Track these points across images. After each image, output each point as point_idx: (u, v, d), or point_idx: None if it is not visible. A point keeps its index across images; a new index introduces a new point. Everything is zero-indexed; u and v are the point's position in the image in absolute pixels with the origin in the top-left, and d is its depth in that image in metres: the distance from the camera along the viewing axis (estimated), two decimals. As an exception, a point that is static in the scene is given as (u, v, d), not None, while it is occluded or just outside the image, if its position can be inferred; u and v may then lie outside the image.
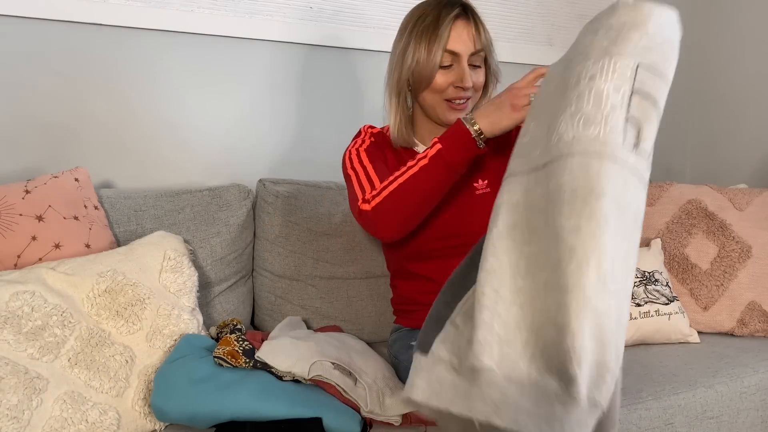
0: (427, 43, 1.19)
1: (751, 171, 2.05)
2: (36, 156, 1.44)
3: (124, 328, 1.07)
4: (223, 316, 1.43)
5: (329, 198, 1.54)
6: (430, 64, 1.19)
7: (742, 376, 1.31)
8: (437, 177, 1.09)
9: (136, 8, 1.49)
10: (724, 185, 1.95)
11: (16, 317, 0.98)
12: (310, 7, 1.70)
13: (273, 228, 1.50)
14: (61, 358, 0.99)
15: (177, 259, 1.19)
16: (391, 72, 1.27)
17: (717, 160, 2.16)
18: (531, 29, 2.05)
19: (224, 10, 1.60)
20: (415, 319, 1.33)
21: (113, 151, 1.52)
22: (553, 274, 0.64)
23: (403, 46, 1.23)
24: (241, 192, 1.51)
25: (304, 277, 1.50)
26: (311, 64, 1.72)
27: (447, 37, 1.18)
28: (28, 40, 1.41)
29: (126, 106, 1.53)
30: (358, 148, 1.27)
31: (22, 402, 0.92)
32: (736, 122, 2.09)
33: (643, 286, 1.49)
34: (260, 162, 1.69)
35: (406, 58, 1.22)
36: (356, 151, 1.25)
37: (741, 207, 1.68)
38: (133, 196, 1.40)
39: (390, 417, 1.07)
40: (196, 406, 0.99)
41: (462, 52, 1.19)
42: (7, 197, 1.16)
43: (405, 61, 1.22)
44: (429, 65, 1.19)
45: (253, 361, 1.08)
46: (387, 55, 1.81)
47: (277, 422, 0.97)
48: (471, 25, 1.20)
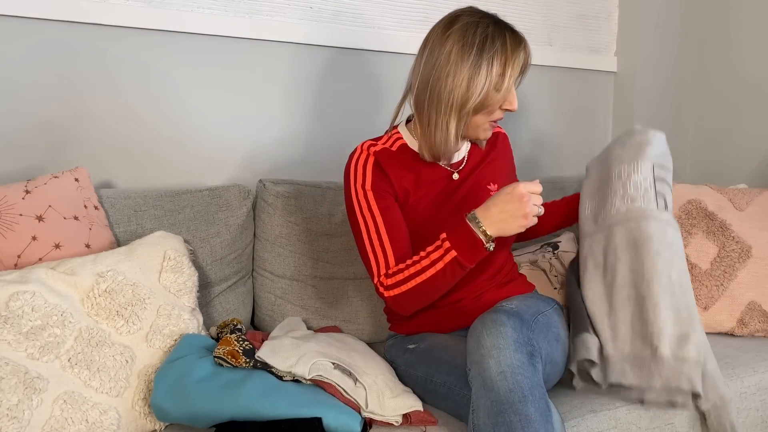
0: (495, 70, 1.13)
1: (751, 171, 2.06)
2: (36, 156, 1.44)
3: (124, 328, 1.07)
4: (223, 316, 1.43)
5: (329, 198, 1.54)
6: (491, 90, 1.15)
7: (742, 376, 1.31)
8: (453, 277, 1.14)
9: (136, 8, 1.49)
10: (724, 185, 1.95)
11: (16, 317, 0.98)
12: (310, 7, 1.70)
13: (273, 228, 1.50)
14: (61, 357, 0.99)
15: (177, 259, 1.19)
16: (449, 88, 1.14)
17: (717, 160, 2.16)
18: (531, 29, 2.05)
19: (224, 10, 1.60)
20: (408, 327, 1.33)
21: (113, 151, 1.52)
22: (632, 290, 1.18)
23: (472, 65, 1.13)
24: (241, 192, 1.51)
25: (304, 277, 1.50)
26: (311, 64, 1.72)
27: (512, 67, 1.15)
28: (28, 40, 1.41)
29: (126, 106, 1.53)
30: (363, 185, 1.20)
31: (22, 402, 0.92)
32: (736, 122, 2.09)
33: (643, 286, 1.49)
34: (260, 162, 1.70)
35: (478, 80, 1.13)
36: (363, 192, 1.20)
37: (741, 207, 1.68)
38: (133, 196, 1.40)
39: (390, 417, 1.07)
40: (196, 406, 0.99)
41: (520, 74, 1.20)
42: (7, 197, 1.16)
43: (477, 82, 1.13)
44: (490, 91, 1.15)
45: (253, 361, 1.08)
46: (388, 55, 1.83)
47: (277, 422, 0.97)
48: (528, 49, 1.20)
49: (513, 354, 0.97)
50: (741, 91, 2.08)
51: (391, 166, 1.23)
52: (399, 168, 1.24)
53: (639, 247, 1.18)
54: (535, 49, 2.06)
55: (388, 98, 1.83)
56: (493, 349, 0.98)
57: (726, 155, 2.13)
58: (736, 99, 2.09)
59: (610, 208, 1.26)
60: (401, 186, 1.23)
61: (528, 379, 0.96)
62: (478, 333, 1.03)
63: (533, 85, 2.09)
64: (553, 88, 2.13)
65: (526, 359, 0.99)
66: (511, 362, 0.96)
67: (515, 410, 0.92)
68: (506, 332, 1.00)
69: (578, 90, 2.19)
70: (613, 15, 2.21)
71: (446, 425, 1.10)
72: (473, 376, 0.99)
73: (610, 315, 1.19)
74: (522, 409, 0.92)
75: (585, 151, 2.23)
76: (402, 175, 1.24)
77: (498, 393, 0.94)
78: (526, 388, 0.94)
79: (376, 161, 1.23)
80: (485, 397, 0.95)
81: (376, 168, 1.22)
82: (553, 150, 2.16)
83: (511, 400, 0.93)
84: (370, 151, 1.24)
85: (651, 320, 1.13)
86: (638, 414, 1.18)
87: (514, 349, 0.98)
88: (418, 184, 1.25)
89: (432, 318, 1.29)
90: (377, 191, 1.21)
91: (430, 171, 1.27)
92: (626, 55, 2.19)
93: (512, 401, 0.92)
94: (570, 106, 2.18)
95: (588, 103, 2.22)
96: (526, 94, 2.07)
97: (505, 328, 1.01)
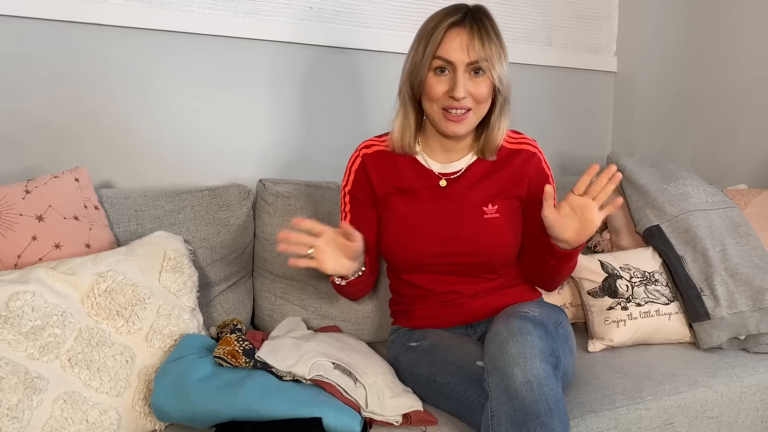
0: (423, 48, 1.17)
1: (751, 171, 2.06)
2: (36, 156, 1.44)
3: (124, 328, 1.07)
4: (223, 316, 1.43)
5: (329, 198, 1.54)
6: (422, 69, 1.16)
7: (742, 376, 1.31)
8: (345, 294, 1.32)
9: (136, 8, 1.49)
10: (724, 185, 1.95)
11: (16, 317, 0.98)
12: (310, 7, 1.70)
13: (273, 228, 1.50)
14: (61, 357, 0.99)
15: (177, 259, 1.19)
16: (402, 75, 1.24)
17: (717, 161, 2.16)
18: (531, 29, 2.05)
19: (224, 10, 1.60)
20: (410, 320, 1.33)
21: (113, 151, 1.52)
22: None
23: (408, 49, 1.22)
24: (241, 192, 1.51)
25: (304, 277, 1.50)
26: (311, 64, 1.72)
27: (439, 42, 1.14)
28: (28, 40, 1.41)
29: (126, 106, 1.53)
30: (345, 187, 1.32)
31: (22, 402, 0.92)
32: (736, 123, 2.09)
33: (643, 286, 1.49)
34: (260, 162, 1.69)
35: (407, 61, 1.22)
36: (344, 193, 1.32)
37: (740, 207, 1.68)
38: (133, 196, 1.40)
39: (390, 417, 1.07)
40: (196, 406, 0.99)
41: (456, 61, 1.14)
42: (7, 197, 1.16)
43: (406, 64, 1.22)
44: (421, 70, 1.17)
45: (253, 361, 1.08)
46: (387, 55, 1.83)
47: (277, 422, 0.97)
48: (471, 34, 1.14)
49: (539, 364, 0.97)
50: (741, 91, 2.08)
51: (376, 168, 1.28)
52: (386, 168, 1.28)
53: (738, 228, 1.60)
54: (534, 49, 2.07)
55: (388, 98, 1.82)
56: (519, 357, 0.97)
57: (726, 155, 2.13)
58: (736, 99, 2.09)
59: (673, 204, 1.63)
60: (383, 187, 1.28)
61: (553, 391, 0.95)
62: (502, 339, 1.01)
63: (533, 85, 2.08)
64: (553, 88, 2.13)
65: (551, 370, 0.98)
66: (538, 373, 0.96)
67: (541, 422, 0.91)
68: (533, 341, 1.00)
69: (578, 90, 2.19)
70: (613, 15, 2.21)
71: (446, 425, 1.10)
72: (494, 381, 0.98)
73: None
74: (548, 422, 0.91)
75: (585, 151, 2.23)
76: (387, 176, 1.28)
77: (523, 403, 0.93)
78: (552, 400, 0.94)
79: (362, 164, 1.30)
80: (508, 405, 0.94)
81: (360, 172, 1.30)
82: (553, 150, 2.16)
83: (537, 412, 0.92)
84: (361, 153, 1.31)
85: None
86: (638, 414, 1.18)
87: (541, 360, 0.98)
88: (404, 185, 1.27)
89: (431, 312, 1.29)
90: (353, 197, 1.31)
91: (419, 174, 1.27)
92: (626, 55, 2.19)
93: (538, 413, 0.92)
94: (570, 106, 2.18)
95: (588, 103, 2.22)
96: (526, 94, 2.07)
97: (532, 337, 1.01)
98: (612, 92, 2.25)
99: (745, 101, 2.07)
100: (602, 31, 2.20)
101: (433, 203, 1.25)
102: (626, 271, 1.51)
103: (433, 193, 1.26)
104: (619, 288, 1.48)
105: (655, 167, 1.73)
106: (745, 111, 2.07)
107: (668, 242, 1.54)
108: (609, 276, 1.50)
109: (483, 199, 1.24)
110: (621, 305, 1.46)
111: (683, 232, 1.54)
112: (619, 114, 2.24)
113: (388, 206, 1.28)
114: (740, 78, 2.08)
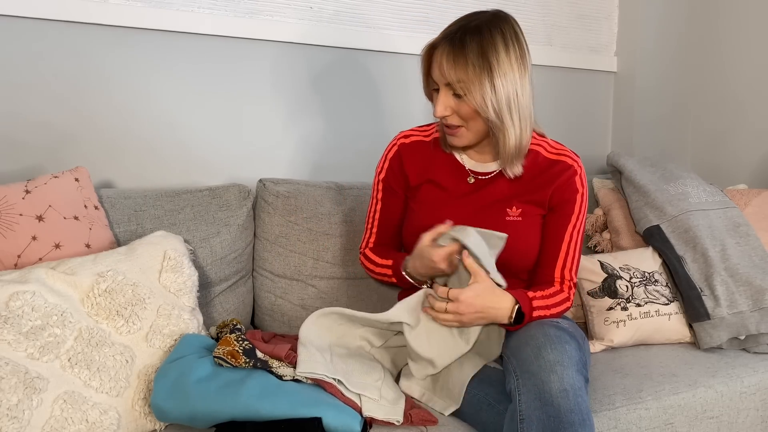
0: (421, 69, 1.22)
1: (751, 171, 2.06)
2: (36, 156, 1.44)
3: (124, 328, 1.07)
4: (223, 316, 1.43)
5: (329, 198, 1.54)
6: (426, 88, 1.24)
7: (742, 376, 1.31)
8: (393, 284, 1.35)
9: (136, 8, 1.49)
10: (724, 185, 1.95)
11: (16, 317, 0.98)
12: (310, 7, 1.70)
13: (273, 228, 1.50)
14: (61, 357, 0.99)
15: (177, 259, 1.19)
16: None
17: (717, 160, 2.16)
18: (531, 29, 2.05)
19: (224, 10, 1.60)
20: None
21: (113, 151, 1.52)
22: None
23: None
24: (241, 192, 1.51)
25: (304, 277, 1.50)
26: (311, 64, 1.72)
27: (424, 63, 1.20)
28: (28, 40, 1.41)
29: (126, 106, 1.53)
30: (379, 174, 1.36)
31: (22, 402, 0.92)
32: (736, 122, 2.09)
33: (643, 286, 1.49)
34: (260, 162, 1.70)
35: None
36: (377, 180, 1.36)
37: (740, 207, 1.68)
38: (133, 196, 1.40)
39: (390, 417, 1.07)
40: (196, 406, 0.98)
41: (437, 80, 1.16)
42: (7, 197, 1.15)
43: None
44: (425, 88, 1.24)
45: (253, 361, 1.08)
46: (387, 55, 1.83)
47: (277, 422, 0.97)
48: (443, 56, 1.12)
49: (575, 374, 0.98)
50: (741, 91, 2.08)
51: (411, 158, 1.31)
52: (421, 160, 1.31)
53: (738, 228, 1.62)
54: (535, 49, 2.06)
55: (388, 98, 1.83)
56: (557, 364, 0.98)
57: (726, 155, 2.13)
58: (736, 99, 2.09)
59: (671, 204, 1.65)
60: (416, 177, 1.31)
61: (586, 403, 0.97)
62: (539, 344, 1.02)
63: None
64: (553, 88, 2.13)
65: (584, 383, 1.00)
66: (574, 382, 0.97)
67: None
68: (571, 351, 1.01)
69: (578, 90, 2.19)
70: (613, 15, 2.21)
71: (447, 425, 1.10)
72: (526, 385, 0.98)
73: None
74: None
75: (585, 151, 2.23)
76: (422, 167, 1.31)
77: (558, 410, 0.94)
78: (585, 411, 0.95)
79: (397, 154, 1.33)
80: (541, 410, 0.95)
81: (395, 161, 1.33)
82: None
83: (571, 421, 0.93)
84: (398, 142, 1.34)
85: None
86: (638, 414, 1.18)
87: (576, 370, 0.99)
88: (436, 178, 1.29)
89: None
90: (386, 185, 1.34)
91: (453, 170, 1.29)
92: (626, 55, 2.19)
93: (573, 422, 0.93)
94: (570, 106, 2.18)
95: (588, 103, 2.22)
96: (526, 94, 2.07)
97: (570, 347, 1.02)
98: (612, 92, 2.25)
99: (745, 101, 2.07)
100: (602, 31, 2.20)
101: (459, 198, 1.27)
102: (626, 272, 1.51)
103: (461, 188, 1.27)
104: (618, 288, 1.48)
105: (655, 167, 1.74)
106: (745, 111, 2.07)
107: (668, 242, 1.54)
108: (609, 276, 1.50)
109: (507, 202, 1.24)
110: (621, 305, 1.46)
111: (683, 232, 1.54)
112: (619, 114, 2.24)
113: (418, 195, 1.30)
114: (740, 78, 2.08)
